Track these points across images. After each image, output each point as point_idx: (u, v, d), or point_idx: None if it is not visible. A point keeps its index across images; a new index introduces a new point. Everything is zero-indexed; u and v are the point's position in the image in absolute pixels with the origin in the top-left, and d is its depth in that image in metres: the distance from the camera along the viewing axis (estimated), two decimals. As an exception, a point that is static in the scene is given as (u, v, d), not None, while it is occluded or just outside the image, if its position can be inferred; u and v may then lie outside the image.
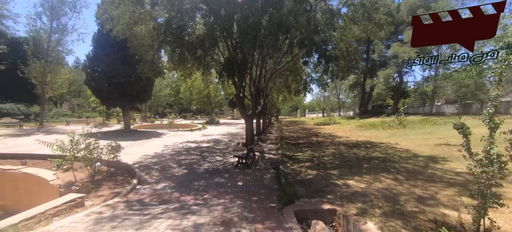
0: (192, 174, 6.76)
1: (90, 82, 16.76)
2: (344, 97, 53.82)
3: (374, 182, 5.50)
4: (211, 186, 5.71)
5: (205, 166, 7.70)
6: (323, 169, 6.98)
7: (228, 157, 9.14)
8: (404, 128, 16.50)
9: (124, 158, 8.45)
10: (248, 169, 7.37)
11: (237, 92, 10.17)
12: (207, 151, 10.37)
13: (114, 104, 17.91)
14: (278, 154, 9.70)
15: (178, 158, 8.87)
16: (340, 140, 13.77)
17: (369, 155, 8.84)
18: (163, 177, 6.43)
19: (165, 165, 7.77)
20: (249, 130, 10.91)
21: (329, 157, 8.69)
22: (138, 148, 10.88)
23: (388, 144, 11.29)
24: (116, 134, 16.36)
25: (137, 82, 17.29)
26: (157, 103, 47.11)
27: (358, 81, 38.88)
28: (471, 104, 21.64)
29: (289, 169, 7.31)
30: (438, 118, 20.20)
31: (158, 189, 5.46)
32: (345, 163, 7.66)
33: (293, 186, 5.61)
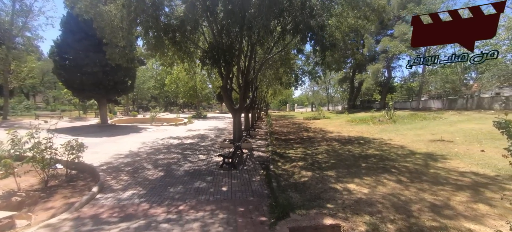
0: (169, 177, 5.81)
1: (59, 71, 15.01)
2: (332, 91, 54.09)
3: (377, 186, 4.85)
4: (190, 193, 4.82)
5: (185, 167, 6.75)
6: (319, 169, 6.27)
7: (213, 156, 8.24)
8: (394, 123, 16.30)
9: (92, 157, 7.33)
10: (235, 170, 6.53)
11: (224, 83, 9.20)
12: (190, 149, 9.39)
13: (88, 96, 16.26)
14: (268, 152, 8.93)
15: (155, 157, 7.84)
16: (332, 136, 13.25)
17: (364, 153, 8.28)
18: (134, 182, 5.44)
19: (138, 166, 6.74)
20: (236, 125, 10.03)
21: (323, 155, 8.03)
22: (111, 146, 9.68)
23: (381, 140, 10.86)
24: (89, 130, 14.87)
25: (114, 72, 15.74)
26: (141, 96, 44.77)
27: (347, 76, 38.91)
28: (456, 99, 22.00)
29: (281, 170, 6.55)
30: (426, 113, 20.33)
31: (124, 198, 4.49)
32: (341, 162, 7.02)
33: (286, 191, 4.84)
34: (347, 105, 39.16)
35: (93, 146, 9.55)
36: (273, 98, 36.69)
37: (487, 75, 17.83)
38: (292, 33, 7.05)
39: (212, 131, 16.01)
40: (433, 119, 15.72)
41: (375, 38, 29.46)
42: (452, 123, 13.62)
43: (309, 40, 7.03)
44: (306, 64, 12.12)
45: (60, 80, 15.67)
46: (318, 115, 28.88)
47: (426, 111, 22.67)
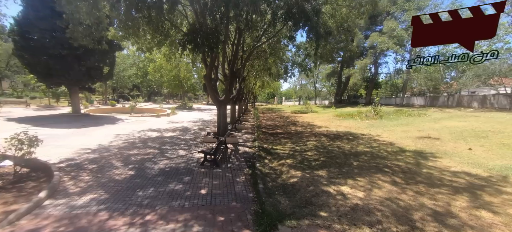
0: (140, 177, 5.05)
1: (21, 53, 13.24)
2: (320, 86, 54.41)
3: (373, 189, 4.45)
4: (162, 197, 4.12)
5: (161, 164, 6.00)
6: (309, 168, 5.80)
7: (194, 151, 7.51)
8: (381, 118, 16.38)
9: (52, 152, 6.36)
10: (217, 168, 5.89)
11: (208, 72, 8.40)
12: (169, 143, 8.57)
13: (57, 82, 14.62)
14: (254, 147, 8.36)
15: (128, 153, 6.98)
16: (320, 131, 12.94)
17: (354, 150, 7.96)
18: (96, 183, 4.62)
19: (105, 163, 5.87)
20: (221, 117, 9.32)
21: (313, 152, 7.60)
22: (79, 139, 8.61)
23: (370, 136, 10.68)
24: (58, 120, 13.42)
25: (86, 56, 14.23)
26: (121, 85, 42.19)
27: (335, 70, 39.06)
28: (438, 97, 22.67)
29: (268, 168, 6.00)
30: (410, 109, 20.76)
31: (78, 206, 3.70)
32: (332, 160, 6.60)
33: (273, 194, 4.30)
34: (334, 99, 39.49)
35: (57, 138, 8.44)
36: (261, 91, 36.06)
37: (469, 74, 18.36)
38: (283, 19, 6.37)
39: (196, 123, 15.15)
40: (418, 116, 15.95)
41: (364, 33, 29.50)
42: (436, 120, 13.83)
43: (302, 27, 6.40)
44: (296, 55, 11.54)
45: (23, 64, 13.87)
46: (305, 109, 28.76)
47: (409, 107, 23.22)
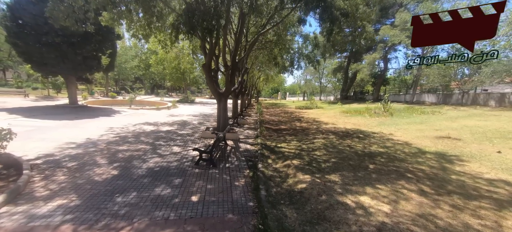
0: (124, 178, 4.36)
1: (14, 40, 12.63)
2: (325, 81, 53.11)
3: (399, 200, 3.68)
4: (144, 204, 3.43)
5: (151, 162, 5.31)
6: (318, 171, 5.04)
7: (190, 148, 6.81)
8: (391, 116, 15.46)
9: (32, 146, 5.73)
10: (214, 168, 5.17)
11: (207, 61, 7.62)
12: (164, 138, 7.88)
13: (52, 72, 14.02)
14: (256, 145, 7.62)
15: (116, 148, 6.31)
16: (327, 127, 12.13)
17: (368, 150, 7.16)
18: (70, 185, 3.95)
19: (88, 160, 5.21)
20: (221, 111, 8.59)
21: (322, 152, 6.82)
22: (68, 132, 7.98)
23: (382, 135, 9.84)
24: (52, 111, 12.87)
25: (82, 44, 13.56)
26: (123, 77, 41.73)
27: (342, 65, 37.84)
28: (451, 94, 21.51)
29: (272, 170, 5.26)
30: (421, 106, 19.72)
31: (39, 215, 3.03)
32: (344, 161, 5.83)
33: (278, 204, 3.57)
34: (339, 95, 38.38)
35: (44, 131, 7.83)
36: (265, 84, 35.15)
37: (487, 70, 17.15)
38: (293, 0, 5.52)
39: (197, 117, 14.46)
40: (432, 114, 14.97)
41: (374, 27, 28.14)
42: (453, 118, 12.86)
43: (314, 9, 5.54)
44: (303, 47, 10.65)
45: (17, 52, 13.29)
46: (310, 105, 27.90)
47: (420, 104, 22.15)
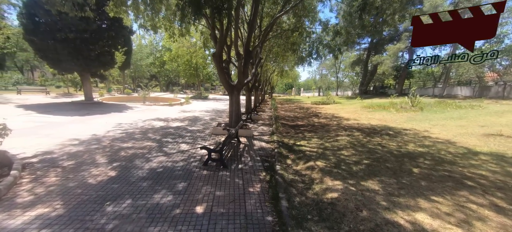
0: (121, 181, 3.77)
1: (30, 37, 12.76)
2: (342, 76, 50.74)
3: (470, 220, 2.71)
4: (138, 217, 2.77)
5: (154, 162, 4.70)
6: (350, 176, 4.14)
7: (199, 145, 6.16)
8: (421, 111, 13.91)
9: (35, 142, 5.41)
10: (225, 169, 4.46)
11: (217, 49, 6.90)
12: (173, 134, 7.32)
13: (67, 68, 14.11)
14: (272, 142, 6.82)
15: (120, 145, 5.80)
16: (349, 123, 11.03)
17: (404, 149, 6.09)
18: (59, 188, 3.42)
19: (87, 159, 4.71)
20: (234, 105, 7.87)
21: (349, 151, 5.86)
22: (75, 127, 7.68)
23: (415, 132, 8.61)
24: (66, 107, 12.91)
25: (94, 40, 13.45)
26: (140, 74, 42.60)
27: (361, 58, 35.72)
28: (490, 86, 19.19)
29: (292, 173, 4.44)
30: (455, 100, 17.74)
31: (10, 229, 2.47)
32: (379, 163, 4.86)
33: (304, 221, 2.76)
34: (358, 90, 36.35)
35: (53, 126, 7.59)
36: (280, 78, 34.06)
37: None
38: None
39: (209, 113, 13.92)
40: (470, 108, 13.22)
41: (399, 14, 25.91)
42: (498, 113, 11.17)
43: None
44: (325, 33, 9.55)
45: (34, 49, 13.49)
46: (327, 100, 26.48)
47: (452, 98, 20.06)
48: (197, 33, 12.82)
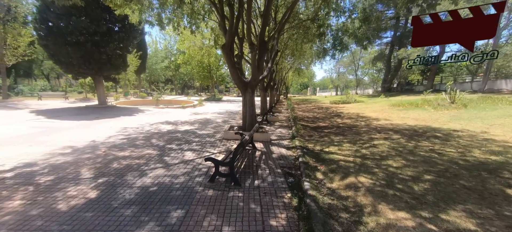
0: (98, 207, 2.83)
1: (45, 42, 12.73)
2: (360, 73, 47.94)
3: None
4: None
5: (149, 177, 3.76)
6: (416, 200, 2.88)
7: (207, 154, 5.17)
8: (465, 108, 11.95)
9: (22, 152, 4.74)
10: (237, 187, 3.40)
11: (227, 40, 5.91)
12: (178, 140, 6.42)
13: (80, 72, 13.96)
14: (294, 148, 5.66)
15: (116, 154, 4.97)
16: (380, 124, 9.53)
17: (472, 158, 4.63)
18: (15, 217, 2.55)
19: (69, 173, 3.88)
20: (248, 106, 6.83)
21: (398, 161, 4.54)
22: (76, 133, 7.06)
23: (470, 133, 6.99)
24: (77, 111, 12.68)
25: (105, 42, 13.15)
26: (155, 78, 43.30)
27: (383, 53, 33.24)
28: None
29: (327, 194, 3.26)
30: (502, 95, 15.31)
31: None
32: (449, 180, 3.52)
33: None
34: (380, 87, 33.83)
35: (54, 132, 7.04)
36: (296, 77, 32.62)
37: None
38: None
39: (222, 115, 13.03)
40: (530, 103, 11.06)
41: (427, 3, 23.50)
42: None
43: None
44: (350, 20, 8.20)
45: (48, 54, 13.50)
46: (347, 99, 24.65)
47: (494, 93, 17.52)
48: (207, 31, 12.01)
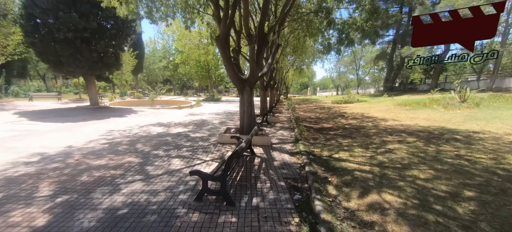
0: (44, 240, 2.11)
1: (31, 39, 11.99)
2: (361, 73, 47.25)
3: None
4: None
5: (121, 194, 3.03)
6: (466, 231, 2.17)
7: (197, 162, 4.44)
8: (477, 107, 11.24)
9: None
10: (230, 208, 2.68)
11: (221, 31, 5.19)
12: (168, 145, 5.69)
13: (70, 71, 13.23)
14: (298, 154, 4.94)
15: (90, 163, 4.24)
16: (389, 125, 8.82)
17: (509, 165, 3.92)
18: None
19: (23, 189, 3.15)
20: (245, 106, 6.10)
21: (424, 171, 3.82)
22: (54, 137, 6.32)
23: (493, 136, 6.27)
24: (65, 113, 11.93)
25: (96, 39, 12.42)
26: (153, 78, 42.55)
27: (384, 52, 32.53)
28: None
29: (346, 218, 2.54)
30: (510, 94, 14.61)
31: None
32: (497, 198, 2.81)
33: None
34: (382, 87, 33.14)
35: (29, 136, 6.30)
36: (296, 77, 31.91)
37: None
38: None
39: (219, 115, 12.31)
40: (548, 102, 10.37)
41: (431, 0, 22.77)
42: None
43: None
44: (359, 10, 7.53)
45: (35, 52, 12.77)
46: (349, 99, 23.94)
47: (502, 91, 16.85)
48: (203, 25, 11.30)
